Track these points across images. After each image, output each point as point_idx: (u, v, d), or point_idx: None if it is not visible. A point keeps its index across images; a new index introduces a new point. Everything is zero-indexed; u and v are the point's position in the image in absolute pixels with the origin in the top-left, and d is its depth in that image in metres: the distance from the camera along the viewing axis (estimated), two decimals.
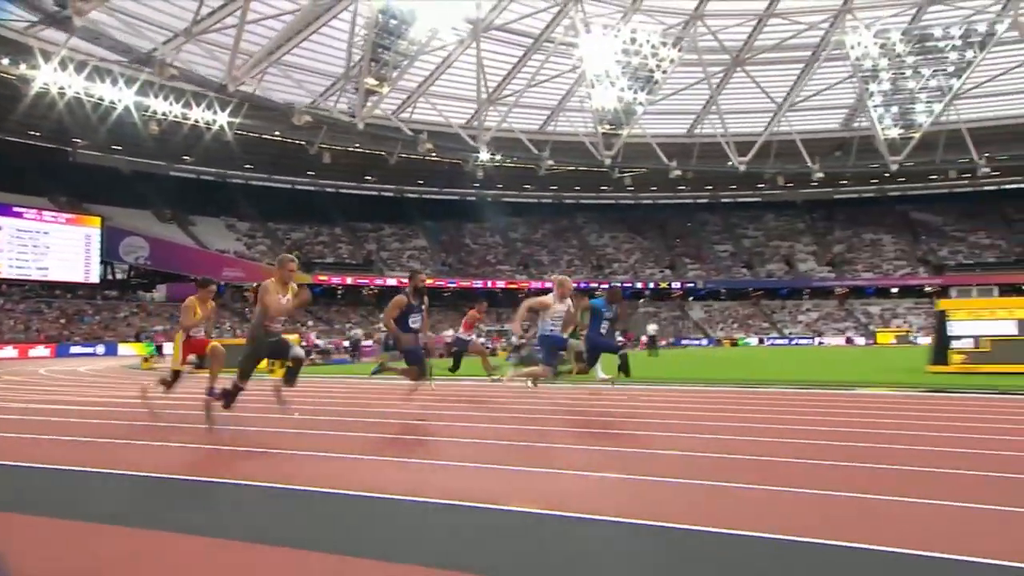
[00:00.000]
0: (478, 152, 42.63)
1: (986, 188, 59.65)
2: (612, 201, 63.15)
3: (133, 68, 30.84)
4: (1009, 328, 12.20)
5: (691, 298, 56.41)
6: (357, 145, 44.24)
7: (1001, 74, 45.05)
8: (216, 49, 31.21)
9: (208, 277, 8.02)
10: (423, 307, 7.32)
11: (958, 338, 12.07)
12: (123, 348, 34.72)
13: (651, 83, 42.35)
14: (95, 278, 40.72)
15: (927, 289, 51.18)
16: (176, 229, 45.37)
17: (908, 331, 44.44)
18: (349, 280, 47.08)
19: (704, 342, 48.22)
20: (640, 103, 43.37)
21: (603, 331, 9.00)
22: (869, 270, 54.33)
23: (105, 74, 31.81)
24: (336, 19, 34.74)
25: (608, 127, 43.63)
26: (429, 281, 39.95)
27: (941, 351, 12.24)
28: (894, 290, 53.68)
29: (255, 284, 48.18)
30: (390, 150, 42.94)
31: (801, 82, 47.03)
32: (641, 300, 54.07)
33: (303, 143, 44.66)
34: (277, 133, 41.21)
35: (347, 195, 56.65)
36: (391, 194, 59.25)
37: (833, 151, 53.30)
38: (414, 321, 7.23)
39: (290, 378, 6.29)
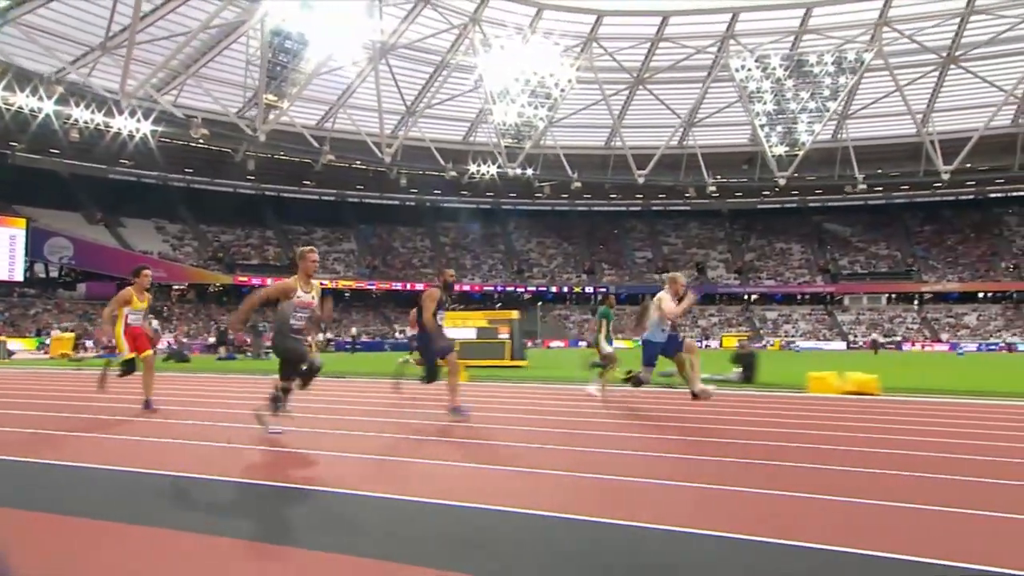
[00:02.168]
0: (385, 161, 46.38)
1: (897, 200, 64.32)
2: (548, 208, 66.95)
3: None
4: (470, 334, 18.94)
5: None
6: (283, 153, 47.91)
7: (883, 97, 49.49)
8: (135, 63, 34.32)
9: (143, 265, 8.11)
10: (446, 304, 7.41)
11: None
12: (13, 343, 36.54)
13: (551, 100, 46.39)
14: (19, 276, 44.04)
15: (823, 296, 55.54)
16: (103, 230, 48.79)
17: (748, 335, 48.70)
18: (270, 280, 50.42)
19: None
20: (541, 119, 47.36)
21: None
22: (772, 277, 58.60)
23: (25, 82, 34.90)
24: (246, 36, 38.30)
25: (511, 141, 47.62)
26: (351, 284, 43.80)
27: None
28: (800, 297, 57.99)
29: (184, 284, 51.58)
30: (314, 158, 46.66)
31: (702, 100, 51.24)
32: (559, 305, 57.98)
33: (229, 150, 48.46)
34: (201, 140, 44.59)
35: (285, 199, 60.16)
36: (332, 198, 62.80)
37: (741, 164, 57.76)
38: (440, 318, 7.33)
39: (304, 385, 6.11)
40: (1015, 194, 61.16)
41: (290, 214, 58.80)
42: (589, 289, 58.57)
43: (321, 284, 6.15)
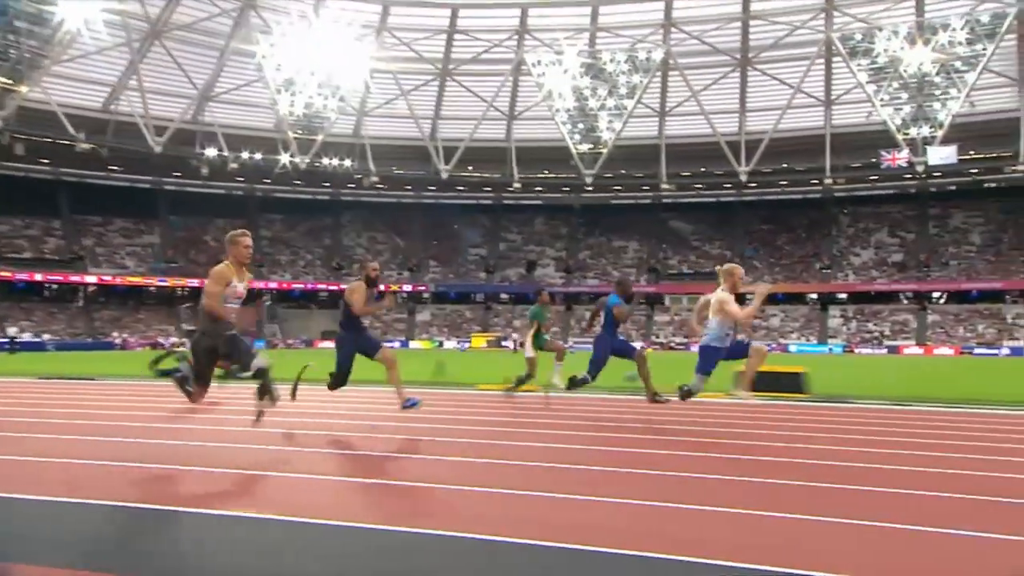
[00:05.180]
0: (204, 148, 49.02)
1: (747, 198, 69.76)
2: (393, 200, 69.94)
3: None
4: None
5: (426, 300, 64.08)
6: (49, 137, 49.60)
7: (686, 100, 54.21)
8: None
9: None
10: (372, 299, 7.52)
11: None
12: None
13: (344, 90, 49.40)
14: None
15: (644, 296, 60.36)
16: None
17: (500, 336, 53.24)
18: (38, 276, 51.93)
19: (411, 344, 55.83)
20: (333, 109, 50.46)
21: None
22: (597, 276, 63.25)
23: None
24: None
25: (300, 132, 50.59)
26: (138, 279, 45.50)
27: None
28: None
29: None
30: (78, 141, 48.54)
31: (516, 94, 55.18)
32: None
33: None
34: None
35: (85, 186, 61.28)
36: (148, 186, 64.26)
37: (570, 160, 61.71)
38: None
39: (263, 391, 6.00)
40: (860, 193, 67.40)
41: (89, 203, 60.07)
42: (408, 287, 62.02)
43: (100, 280, 7.46)
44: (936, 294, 59.07)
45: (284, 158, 54.87)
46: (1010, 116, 50.21)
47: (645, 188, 67.62)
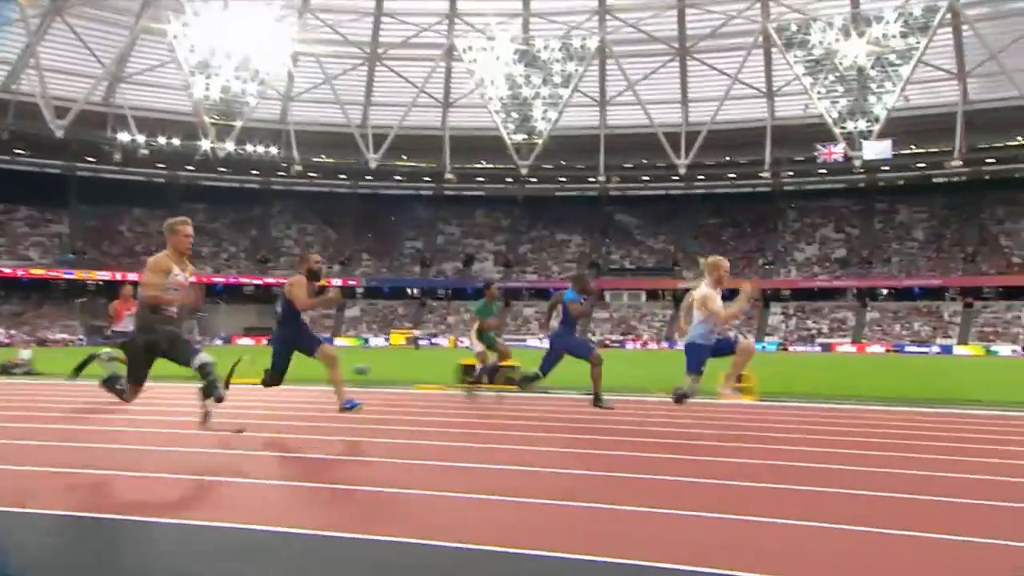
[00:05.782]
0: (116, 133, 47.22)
1: (695, 191, 69.80)
2: (326, 190, 68.46)
3: None
4: None
5: (359, 295, 62.95)
6: None
7: (624, 90, 53.85)
8: None
9: None
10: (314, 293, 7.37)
11: None
12: None
13: (262, 74, 48.03)
14: None
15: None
16: None
17: (414, 334, 52.74)
18: None
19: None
20: (252, 93, 49.08)
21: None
22: (537, 272, 62.74)
23: None
24: None
25: (217, 117, 49.10)
26: (42, 272, 43.39)
27: None
28: (554, 292, 62.31)
29: None
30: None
31: (449, 81, 54.31)
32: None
33: None
34: None
35: None
36: (59, 171, 61.84)
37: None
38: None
39: (209, 390, 5.75)
40: (808, 187, 67.90)
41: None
42: (338, 282, 60.75)
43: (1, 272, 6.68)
44: (881, 291, 59.84)
45: (205, 144, 53.25)
46: (950, 111, 50.90)
47: (591, 180, 67.15)
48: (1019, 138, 52.16)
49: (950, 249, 58.63)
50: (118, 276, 55.00)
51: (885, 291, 59.88)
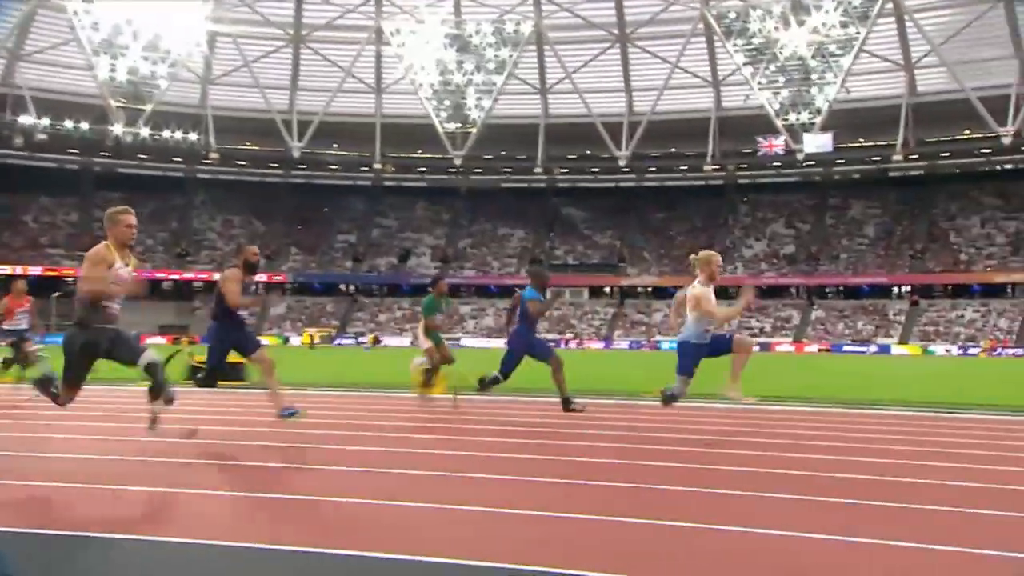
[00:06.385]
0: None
1: (648, 184, 69.00)
2: (256, 179, 66.44)
3: None
4: None
5: (288, 290, 61.34)
6: None
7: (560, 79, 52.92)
8: None
9: None
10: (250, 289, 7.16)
11: None
12: None
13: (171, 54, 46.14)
14: None
15: (518, 289, 59.11)
16: None
17: (329, 332, 51.61)
18: None
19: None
20: (163, 76, 47.14)
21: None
22: (476, 267, 61.58)
23: None
24: None
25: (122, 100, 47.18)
26: None
27: None
28: (495, 288, 61.35)
29: None
30: None
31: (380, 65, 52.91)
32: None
33: None
34: None
35: None
36: None
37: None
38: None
39: (157, 391, 5.58)
40: (765, 180, 67.53)
41: None
42: (263, 277, 59.01)
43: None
44: (829, 289, 59.79)
45: (118, 128, 51.16)
46: (898, 103, 50.82)
47: (537, 172, 66.00)
48: (967, 131, 52.26)
49: (899, 246, 58.78)
50: (18, 270, 52.79)
51: (833, 289, 59.88)
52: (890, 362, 34.27)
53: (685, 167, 62.74)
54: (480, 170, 65.22)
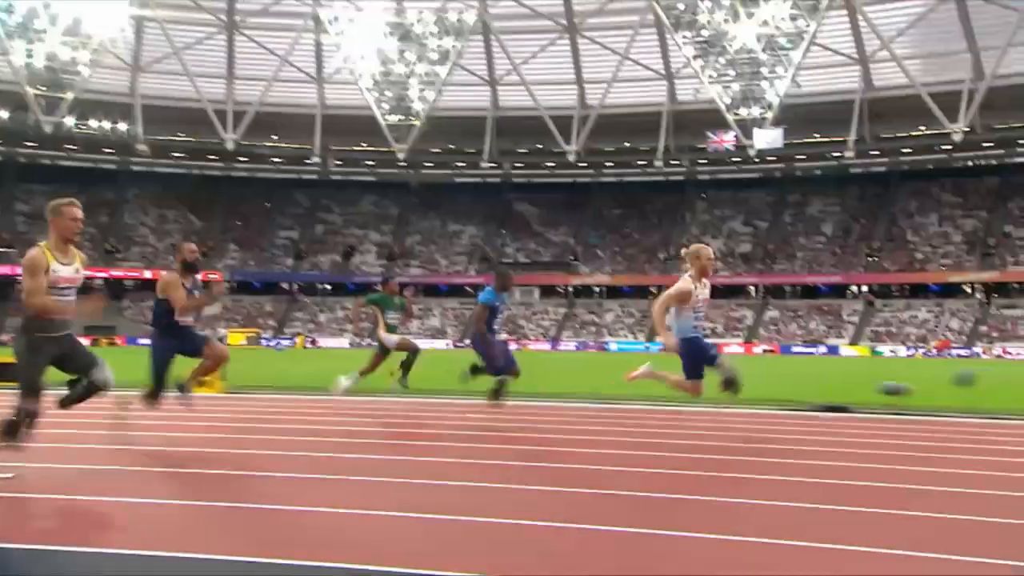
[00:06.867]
0: None
1: (606, 179, 68.36)
2: (195, 172, 64.52)
3: None
4: None
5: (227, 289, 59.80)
6: None
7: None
8: None
9: None
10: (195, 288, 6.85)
11: None
12: None
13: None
14: None
15: (473, 288, 58.15)
16: None
17: (259, 332, 50.65)
18: None
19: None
20: (85, 63, 45.45)
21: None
22: (423, 266, 60.57)
23: None
24: None
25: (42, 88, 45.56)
26: None
27: None
28: (444, 288, 60.45)
29: None
30: None
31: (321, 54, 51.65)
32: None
33: None
34: None
35: None
36: None
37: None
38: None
39: (72, 399, 5.42)
40: (724, 176, 67.15)
41: None
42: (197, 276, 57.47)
43: None
44: (785, 288, 59.70)
45: (40, 116, 49.32)
46: (852, 98, 50.79)
47: (488, 166, 64.93)
48: (922, 127, 52.33)
49: (856, 244, 58.88)
50: None
51: (790, 288, 59.80)
52: (823, 362, 34.02)
53: (643, 162, 62.22)
54: (430, 164, 64.19)
